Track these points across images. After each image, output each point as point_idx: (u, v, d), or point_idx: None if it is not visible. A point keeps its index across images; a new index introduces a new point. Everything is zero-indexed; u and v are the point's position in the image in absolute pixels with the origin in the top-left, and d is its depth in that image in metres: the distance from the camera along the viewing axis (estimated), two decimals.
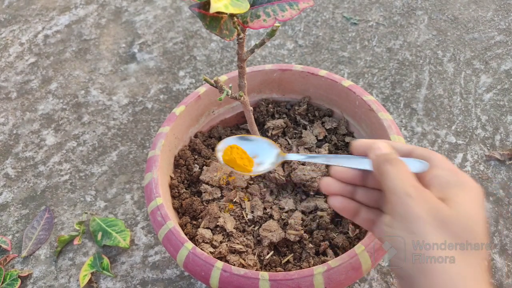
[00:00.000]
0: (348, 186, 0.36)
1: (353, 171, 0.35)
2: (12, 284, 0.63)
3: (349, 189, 0.36)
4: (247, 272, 0.43)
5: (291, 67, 0.63)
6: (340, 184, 0.36)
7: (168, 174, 0.58)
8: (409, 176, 0.30)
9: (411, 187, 0.29)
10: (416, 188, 0.29)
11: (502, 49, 0.92)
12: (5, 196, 0.75)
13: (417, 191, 0.28)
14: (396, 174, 0.30)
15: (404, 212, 0.28)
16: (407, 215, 0.28)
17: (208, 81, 0.45)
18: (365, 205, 0.36)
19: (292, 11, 0.41)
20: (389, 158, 0.31)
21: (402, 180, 0.29)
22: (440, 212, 0.27)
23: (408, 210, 0.28)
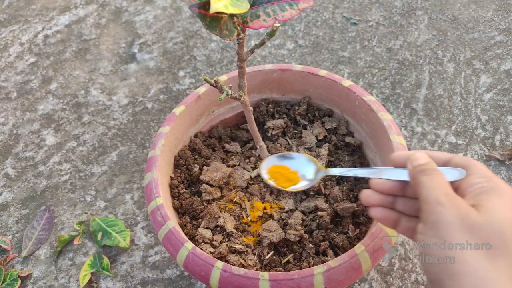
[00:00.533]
0: (388, 197, 0.37)
1: (392, 182, 0.36)
2: (12, 284, 0.63)
3: (389, 199, 0.37)
4: (247, 272, 0.43)
5: (291, 67, 0.63)
6: (380, 195, 0.37)
7: (168, 174, 0.58)
8: (442, 185, 0.30)
9: (443, 196, 0.30)
10: (448, 196, 0.30)
11: (502, 49, 0.92)
12: (5, 196, 0.75)
13: (448, 199, 0.29)
14: (430, 184, 0.31)
15: (435, 219, 0.29)
16: (437, 222, 0.29)
17: (208, 81, 0.45)
18: (406, 215, 0.37)
19: (292, 11, 0.41)
20: (425, 169, 0.32)
21: (434, 189, 0.30)
22: (469, 218, 0.28)
23: (439, 217, 0.29)
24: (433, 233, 0.29)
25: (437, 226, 0.29)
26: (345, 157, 0.61)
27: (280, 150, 0.61)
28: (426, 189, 0.31)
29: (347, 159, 0.61)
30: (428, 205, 0.30)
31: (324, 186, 0.58)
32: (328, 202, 0.57)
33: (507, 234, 0.27)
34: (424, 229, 0.30)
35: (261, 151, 0.59)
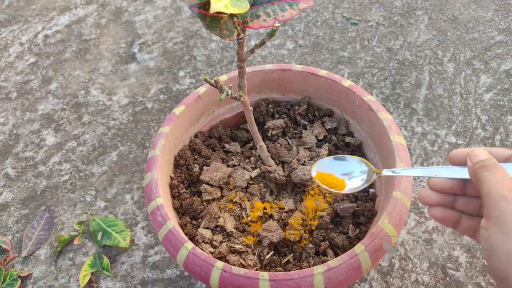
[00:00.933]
0: (448, 196, 0.36)
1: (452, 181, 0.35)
2: (12, 284, 0.63)
3: (448, 199, 0.36)
4: (247, 272, 0.43)
5: (291, 67, 0.63)
6: (439, 195, 0.36)
7: (168, 174, 0.58)
8: (505, 180, 0.30)
9: (507, 190, 0.29)
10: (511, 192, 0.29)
11: (502, 49, 0.92)
12: (5, 196, 0.75)
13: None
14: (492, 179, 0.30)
15: (499, 214, 0.28)
16: (502, 216, 0.28)
17: (208, 81, 0.45)
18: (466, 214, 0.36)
19: (292, 11, 0.41)
20: (486, 164, 0.31)
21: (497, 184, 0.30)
22: None
23: (503, 213, 0.28)
24: (497, 228, 0.28)
25: (502, 221, 0.28)
26: None
27: (280, 150, 0.61)
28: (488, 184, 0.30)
29: None
30: (491, 200, 0.29)
31: None
32: (328, 202, 0.57)
33: None
34: (488, 224, 0.29)
35: (261, 151, 0.59)
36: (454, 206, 0.36)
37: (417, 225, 0.67)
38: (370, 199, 0.56)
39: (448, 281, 0.61)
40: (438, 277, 0.61)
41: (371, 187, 0.58)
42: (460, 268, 0.62)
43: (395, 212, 0.47)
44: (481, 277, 0.61)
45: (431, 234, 0.66)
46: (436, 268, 0.62)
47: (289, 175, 0.59)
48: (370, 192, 0.57)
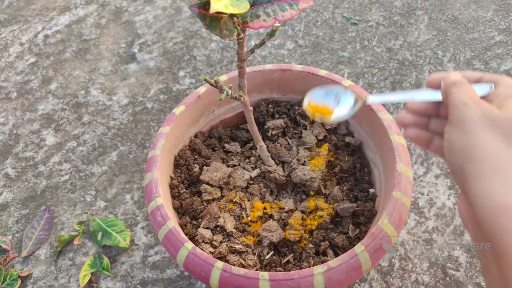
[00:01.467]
0: (422, 118, 0.38)
1: (426, 104, 0.38)
2: (12, 284, 0.63)
3: (423, 120, 0.38)
4: (247, 272, 0.43)
5: (291, 67, 0.63)
6: (415, 116, 0.38)
7: (168, 174, 0.58)
8: (469, 92, 0.33)
9: (469, 99, 0.32)
10: (473, 99, 0.32)
11: (502, 49, 0.92)
12: (5, 196, 0.75)
13: (473, 101, 0.32)
14: (458, 92, 0.33)
15: (460, 117, 0.32)
16: (462, 119, 0.31)
17: (208, 81, 0.45)
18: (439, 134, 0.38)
19: (292, 11, 0.41)
20: (456, 82, 0.34)
21: (461, 94, 0.33)
22: (491, 114, 0.31)
23: (463, 115, 0.32)
24: (457, 129, 0.32)
25: (461, 122, 0.31)
26: (345, 157, 0.61)
27: (280, 150, 0.61)
28: (454, 96, 0.33)
29: (347, 159, 0.61)
30: (454, 107, 0.33)
31: (324, 186, 0.58)
32: (328, 202, 0.57)
33: None
34: (449, 128, 0.33)
35: (261, 151, 0.59)
36: (428, 127, 0.38)
37: (417, 225, 0.67)
38: (370, 199, 0.56)
39: (448, 281, 0.61)
40: (438, 277, 0.61)
41: (371, 187, 0.58)
42: (460, 268, 0.62)
43: (395, 212, 0.47)
44: (481, 277, 0.61)
45: (431, 234, 0.66)
46: (436, 268, 0.62)
47: (289, 175, 0.59)
48: (370, 192, 0.57)
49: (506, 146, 0.29)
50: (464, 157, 0.30)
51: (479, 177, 0.29)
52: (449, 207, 0.69)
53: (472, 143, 0.30)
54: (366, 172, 0.60)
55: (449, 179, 0.72)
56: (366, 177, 0.59)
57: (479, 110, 0.31)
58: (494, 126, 0.30)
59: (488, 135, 0.30)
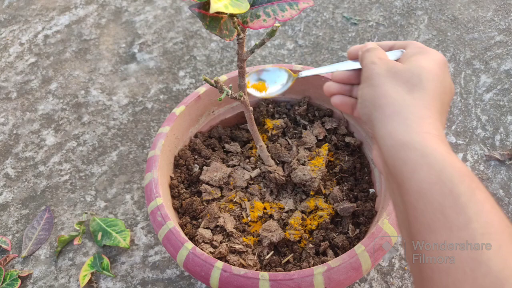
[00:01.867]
0: (346, 86, 0.42)
1: (349, 73, 0.42)
2: (12, 284, 0.63)
3: (347, 88, 0.42)
4: (247, 272, 0.43)
5: (291, 67, 0.63)
6: (339, 85, 0.42)
7: (168, 174, 0.58)
8: (378, 53, 0.37)
9: (377, 58, 0.37)
10: (381, 59, 0.36)
11: (502, 49, 0.92)
12: (5, 196, 0.75)
13: (380, 60, 0.36)
14: (369, 54, 0.38)
15: (369, 74, 0.36)
16: (370, 75, 0.36)
17: (208, 81, 0.45)
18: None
19: (292, 11, 0.41)
20: (369, 48, 0.38)
21: (371, 56, 0.37)
22: (394, 68, 0.35)
23: (371, 72, 0.36)
24: (366, 84, 0.36)
25: (369, 78, 0.36)
26: (345, 157, 0.61)
27: (280, 150, 0.61)
28: (366, 58, 0.37)
29: (347, 159, 0.61)
30: (365, 67, 0.37)
31: (324, 186, 0.58)
32: (328, 202, 0.57)
33: (423, 75, 0.34)
34: (361, 85, 0.37)
35: (261, 151, 0.59)
36: (351, 94, 0.42)
37: None
38: (370, 199, 0.56)
39: None
40: None
41: (371, 187, 0.58)
42: None
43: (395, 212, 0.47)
44: None
45: None
46: None
47: (289, 175, 0.59)
48: (370, 192, 0.57)
49: (406, 92, 0.33)
50: (372, 107, 0.34)
51: (383, 121, 0.33)
52: None
53: (378, 93, 0.34)
54: (366, 172, 0.60)
55: None
56: (366, 177, 0.59)
57: (384, 66, 0.35)
58: (396, 77, 0.34)
59: (390, 85, 0.34)
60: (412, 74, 0.34)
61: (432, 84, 0.33)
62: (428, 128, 0.31)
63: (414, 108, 0.32)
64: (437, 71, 0.34)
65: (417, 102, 0.32)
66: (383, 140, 0.32)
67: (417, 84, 0.33)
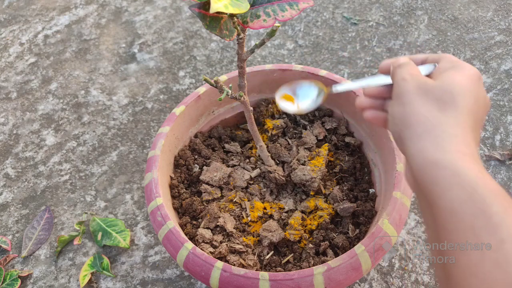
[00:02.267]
0: (378, 100, 0.42)
1: (380, 88, 0.41)
2: (12, 284, 0.63)
3: (378, 102, 0.42)
4: (247, 272, 0.43)
5: (291, 67, 0.63)
6: (371, 99, 0.42)
7: (168, 174, 0.58)
8: (410, 69, 0.36)
9: (408, 74, 0.36)
10: (412, 75, 0.35)
11: (502, 49, 0.92)
12: (5, 196, 0.75)
13: (411, 76, 0.35)
14: (400, 71, 0.37)
15: (399, 91, 0.35)
16: (401, 92, 0.35)
17: (208, 81, 0.45)
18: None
19: (292, 11, 0.41)
20: (400, 64, 0.37)
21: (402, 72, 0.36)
22: (425, 85, 0.34)
23: (402, 89, 0.35)
24: (397, 102, 0.35)
25: (400, 95, 0.35)
26: (345, 157, 0.61)
27: (280, 150, 0.61)
28: (397, 74, 0.37)
29: (347, 159, 0.61)
30: (396, 84, 0.36)
31: (324, 186, 0.58)
32: (328, 202, 0.57)
33: (455, 91, 0.33)
34: (392, 102, 0.36)
35: (261, 151, 0.59)
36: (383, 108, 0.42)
37: (417, 225, 0.67)
38: (370, 199, 0.56)
39: None
40: None
41: (371, 187, 0.58)
42: None
43: (395, 212, 0.47)
44: None
45: None
46: None
47: (289, 175, 0.59)
48: (370, 192, 0.57)
49: (437, 110, 0.32)
50: (402, 125, 0.34)
51: (413, 140, 0.32)
52: None
53: (408, 111, 0.33)
54: (366, 172, 0.60)
55: None
56: (366, 177, 0.59)
57: (415, 82, 0.34)
58: (428, 94, 0.33)
59: (421, 103, 0.33)
60: (443, 91, 0.33)
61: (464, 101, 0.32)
62: (460, 146, 0.30)
63: (446, 126, 0.31)
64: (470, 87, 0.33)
65: (449, 120, 0.31)
66: (414, 159, 0.31)
67: (449, 101, 0.32)
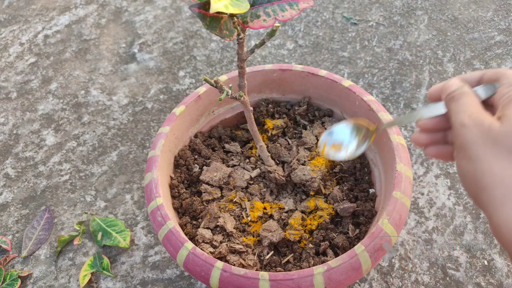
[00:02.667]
0: (437, 133, 0.36)
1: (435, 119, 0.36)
2: (12, 284, 0.63)
3: (438, 135, 0.36)
4: (247, 272, 0.43)
5: (291, 67, 0.63)
6: (428, 134, 0.36)
7: (168, 174, 0.58)
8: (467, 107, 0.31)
9: (466, 118, 0.30)
10: (471, 117, 0.30)
11: (502, 49, 0.92)
12: (5, 196, 0.75)
13: (471, 119, 0.30)
14: (456, 108, 0.31)
15: (462, 141, 0.30)
16: (465, 144, 0.29)
17: (208, 81, 0.45)
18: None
19: (292, 11, 0.41)
20: (454, 95, 0.32)
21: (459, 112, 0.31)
22: (491, 132, 0.28)
23: (465, 140, 0.29)
24: (462, 154, 0.30)
25: (464, 148, 0.29)
26: None
27: (280, 150, 0.61)
28: (454, 114, 0.31)
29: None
30: (455, 129, 0.31)
31: (324, 186, 0.58)
32: (328, 202, 0.57)
33: None
34: (456, 153, 0.31)
35: (261, 151, 0.59)
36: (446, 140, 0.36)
37: (417, 225, 0.67)
38: (370, 199, 0.56)
39: (448, 281, 0.61)
40: (438, 277, 0.61)
41: (371, 187, 0.58)
42: (460, 268, 0.62)
43: (395, 212, 0.47)
44: (481, 277, 0.61)
45: (431, 234, 0.66)
46: (436, 268, 0.62)
47: (289, 175, 0.59)
48: (370, 192, 0.57)
49: None
50: (476, 187, 0.29)
51: (494, 207, 0.27)
52: (449, 207, 0.69)
53: (479, 170, 0.28)
54: (366, 172, 0.60)
55: (449, 179, 0.72)
56: (366, 177, 0.59)
57: (478, 130, 0.29)
58: (497, 145, 0.28)
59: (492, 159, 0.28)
60: None
61: None
62: None
63: None
64: None
65: None
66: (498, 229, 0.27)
67: None
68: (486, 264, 0.62)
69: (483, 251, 0.63)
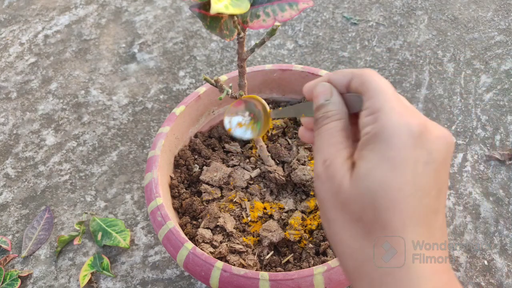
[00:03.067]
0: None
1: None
2: (12, 284, 0.63)
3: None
4: (247, 272, 0.43)
5: (291, 67, 0.63)
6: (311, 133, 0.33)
7: (168, 174, 0.58)
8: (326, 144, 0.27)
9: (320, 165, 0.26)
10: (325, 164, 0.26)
11: (502, 49, 0.92)
12: (5, 196, 0.75)
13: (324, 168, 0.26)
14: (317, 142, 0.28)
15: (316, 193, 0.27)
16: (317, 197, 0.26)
17: (209, 81, 0.45)
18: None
19: (291, 11, 0.41)
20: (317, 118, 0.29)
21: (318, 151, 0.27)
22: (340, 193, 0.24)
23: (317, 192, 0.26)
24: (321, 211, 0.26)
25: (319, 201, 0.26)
26: None
27: (280, 150, 0.61)
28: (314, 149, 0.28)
29: None
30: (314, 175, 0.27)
31: None
32: None
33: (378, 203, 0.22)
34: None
35: (261, 151, 0.59)
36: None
37: None
38: None
39: None
40: None
41: None
42: (460, 268, 0.62)
43: None
44: (481, 277, 0.61)
45: None
46: None
47: (289, 175, 0.59)
48: None
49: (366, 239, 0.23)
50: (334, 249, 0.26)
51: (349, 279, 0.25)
52: (449, 207, 0.69)
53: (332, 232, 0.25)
54: None
55: (449, 179, 0.72)
56: None
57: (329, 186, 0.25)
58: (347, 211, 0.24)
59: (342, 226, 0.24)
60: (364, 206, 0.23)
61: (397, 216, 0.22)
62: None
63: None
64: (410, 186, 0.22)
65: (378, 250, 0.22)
66: None
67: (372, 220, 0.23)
68: (486, 264, 0.62)
69: (483, 251, 0.63)
